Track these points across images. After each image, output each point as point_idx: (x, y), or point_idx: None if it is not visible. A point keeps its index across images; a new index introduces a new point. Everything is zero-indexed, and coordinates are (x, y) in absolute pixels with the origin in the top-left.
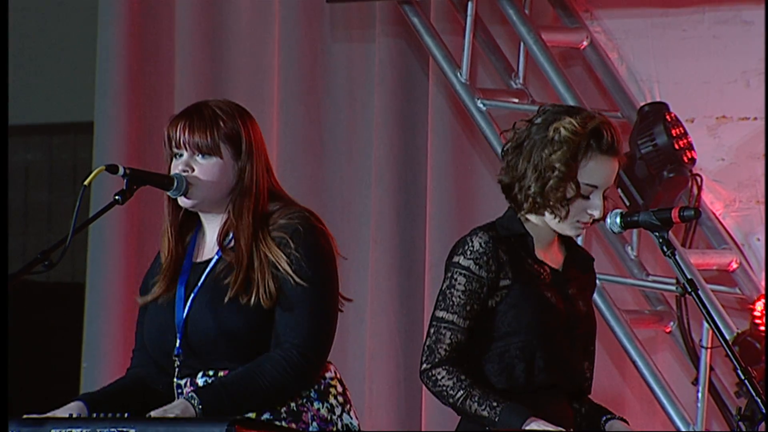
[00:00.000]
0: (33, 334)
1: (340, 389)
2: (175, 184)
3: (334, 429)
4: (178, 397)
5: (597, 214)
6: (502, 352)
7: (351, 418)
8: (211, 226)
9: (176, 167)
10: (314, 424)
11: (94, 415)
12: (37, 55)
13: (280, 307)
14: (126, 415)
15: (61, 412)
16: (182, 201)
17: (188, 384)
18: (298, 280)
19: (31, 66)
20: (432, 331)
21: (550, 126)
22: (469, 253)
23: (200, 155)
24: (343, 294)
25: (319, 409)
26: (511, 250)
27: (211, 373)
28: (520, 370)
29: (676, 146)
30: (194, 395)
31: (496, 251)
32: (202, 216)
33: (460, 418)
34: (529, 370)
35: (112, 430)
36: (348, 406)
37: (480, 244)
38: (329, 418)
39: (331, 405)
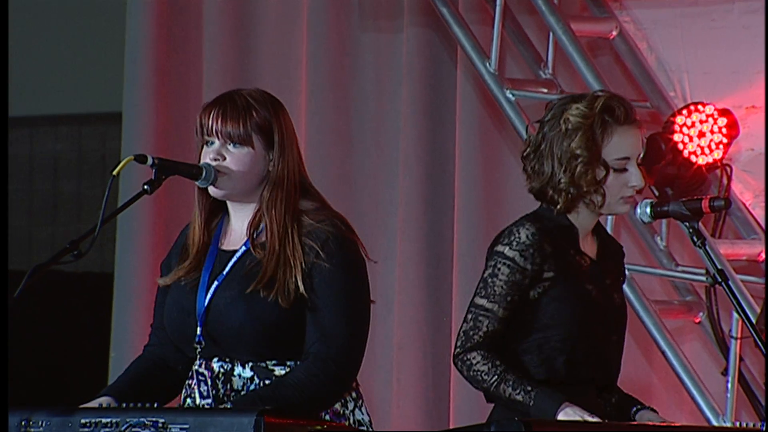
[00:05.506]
0: (61, 323)
1: (353, 384)
2: (204, 174)
3: (347, 423)
4: (197, 381)
5: (639, 183)
6: (542, 344)
7: (363, 414)
8: (240, 215)
9: (207, 155)
10: (327, 417)
11: (123, 405)
12: (66, 46)
13: (312, 318)
14: (155, 404)
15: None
16: (212, 191)
17: (203, 366)
18: (329, 292)
19: (60, 57)
20: (470, 317)
21: (560, 118)
22: (515, 244)
23: (232, 144)
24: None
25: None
26: (556, 242)
27: (228, 359)
28: (560, 363)
29: (670, 136)
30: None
31: (542, 243)
32: (230, 204)
33: (492, 407)
34: (569, 363)
35: (142, 419)
36: (360, 401)
37: (527, 236)
38: (342, 412)
39: (345, 400)
